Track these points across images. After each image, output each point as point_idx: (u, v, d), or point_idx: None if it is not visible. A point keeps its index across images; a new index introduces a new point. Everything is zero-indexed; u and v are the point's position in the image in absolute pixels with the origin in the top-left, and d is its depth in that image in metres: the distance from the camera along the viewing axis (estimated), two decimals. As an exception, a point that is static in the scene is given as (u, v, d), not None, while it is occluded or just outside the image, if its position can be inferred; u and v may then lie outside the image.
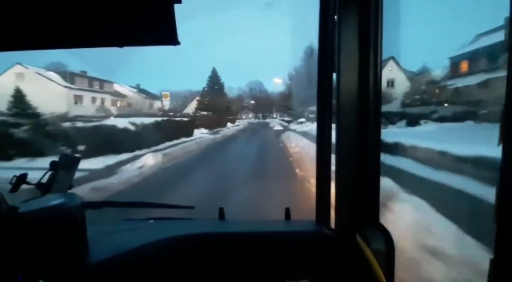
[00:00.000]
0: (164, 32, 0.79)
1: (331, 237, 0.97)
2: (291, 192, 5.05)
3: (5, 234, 0.68)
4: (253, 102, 50.85)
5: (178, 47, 0.81)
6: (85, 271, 0.80)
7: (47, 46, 0.90)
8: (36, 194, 0.89)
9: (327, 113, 1.04)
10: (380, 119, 0.84)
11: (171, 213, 1.20)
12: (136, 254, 0.89)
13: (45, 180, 0.93)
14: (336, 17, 0.87)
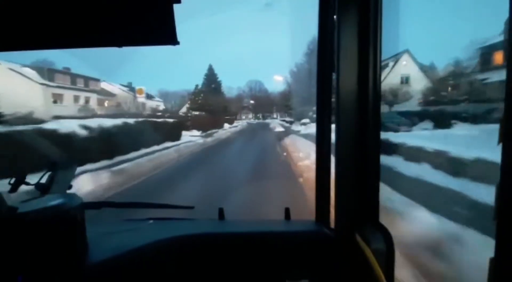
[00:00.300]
0: (164, 32, 0.80)
1: (331, 237, 0.97)
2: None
3: (5, 235, 0.67)
4: (253, 102, 50.09)
5: (177, 47, 0.82)
6: (85, 272, 0.79)
7: (47, 46, 0.91)
8: (35, 195, 0.88)
9: (327, 113, 1.04)
10: (380, 118, 0.84)
11: (171, 213, 1.18)
12: (136, 255, 0.88)
13: (44, 181, 0.94)
14: (336, 17, 0.87)
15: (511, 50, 0.37)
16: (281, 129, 23.24)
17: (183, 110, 31.12)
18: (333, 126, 0.91)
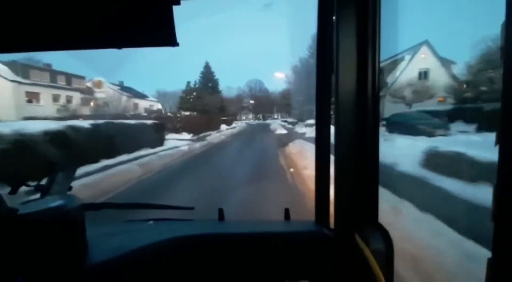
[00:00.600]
0: (163, 33, 0.80)
1: (331, 237, 0.97)
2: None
3: (5, 236, 0.67)
4: (253, 102, 48.00)
5: (177, 47, 0.83)
6: (85, 273, 0.79)
7: (47, 47, 0.90)
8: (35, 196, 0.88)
9: (326, 113, 1.04)
10: (379, 118, 0.84)
11: (171, 214, 1.19)
12: (136, 255, 0.88)
13: (45, 182, 0.94)
14: (334, 17, 0.87)
15: (507, 52, 0.37)
16: (283, 131, 20.66)
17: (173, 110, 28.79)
18: (333, 126, 0.91)
